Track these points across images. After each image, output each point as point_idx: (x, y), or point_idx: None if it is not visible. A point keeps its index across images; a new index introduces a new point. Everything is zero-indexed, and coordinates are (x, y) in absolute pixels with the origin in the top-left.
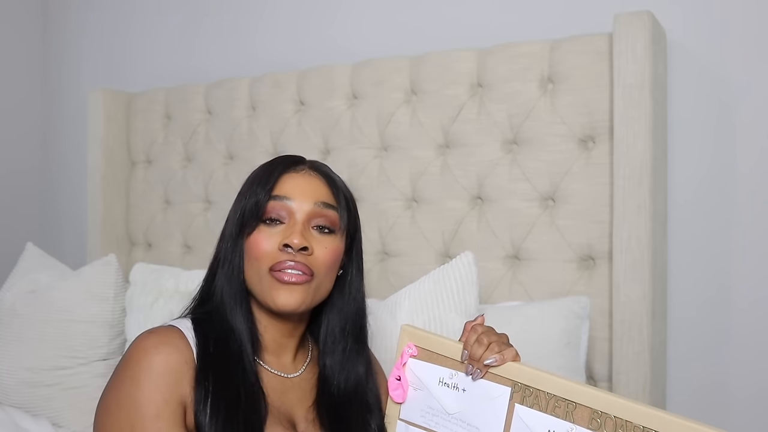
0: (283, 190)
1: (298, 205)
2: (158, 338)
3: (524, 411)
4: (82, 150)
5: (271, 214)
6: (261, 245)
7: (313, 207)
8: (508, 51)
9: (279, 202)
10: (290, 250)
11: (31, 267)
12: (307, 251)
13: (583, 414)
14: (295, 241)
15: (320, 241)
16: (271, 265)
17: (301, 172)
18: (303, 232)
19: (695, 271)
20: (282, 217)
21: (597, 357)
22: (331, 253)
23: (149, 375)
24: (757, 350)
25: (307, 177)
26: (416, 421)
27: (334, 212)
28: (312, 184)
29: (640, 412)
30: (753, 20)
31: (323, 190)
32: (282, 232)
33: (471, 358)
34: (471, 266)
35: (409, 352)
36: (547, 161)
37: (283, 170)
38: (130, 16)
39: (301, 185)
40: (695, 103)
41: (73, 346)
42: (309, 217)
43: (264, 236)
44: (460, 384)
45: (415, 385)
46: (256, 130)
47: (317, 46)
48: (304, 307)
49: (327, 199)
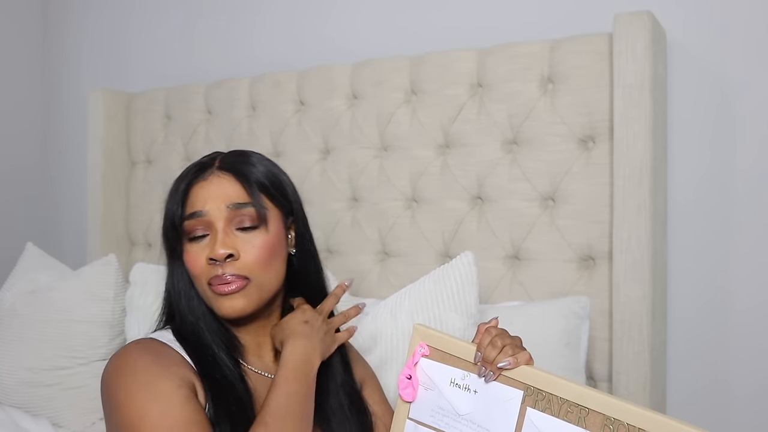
0: (195, 205)
1: (213, 213)
2: (141, 344)
3: (536, 415)
4: (82, 150)
5: (192, 233)
6: (193, 264)
7: (228, 211)
8: (508, 51)
9: (194, 219)
10: (215, 262)
11: (31, 267)
12: (234, 257)
13: (595, 420)
14: (219, 252)
15: (247, 241)
16: (208, 280)
17: (209, 178)
18: (225, 240)
19: (695, 271)
20: (204, 230)
21: (597, 357)
22: (260, 249)
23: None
24: (757, 350)
25: (215, 181)
26: (425, 420)
27: (250, 209)
28: (221, 187)
29: (653, 420)
30: (753, 20)
31: (234, 190)
32: (208, 245)
33: (484, 360)
34: (471, 266)
35: (421, 351)
36: (547, 161)
37: (190, 182)
38: (130, 16)
39: (210, 193)
40: (695, 103)
41: (73, 346)
42: (227, 221)
43: (193, 254)
44: (472, 385)
45: (425, 384)
46: (256, 130)
47: (317, 46)
48: (251, 308)
49: (239, 199)
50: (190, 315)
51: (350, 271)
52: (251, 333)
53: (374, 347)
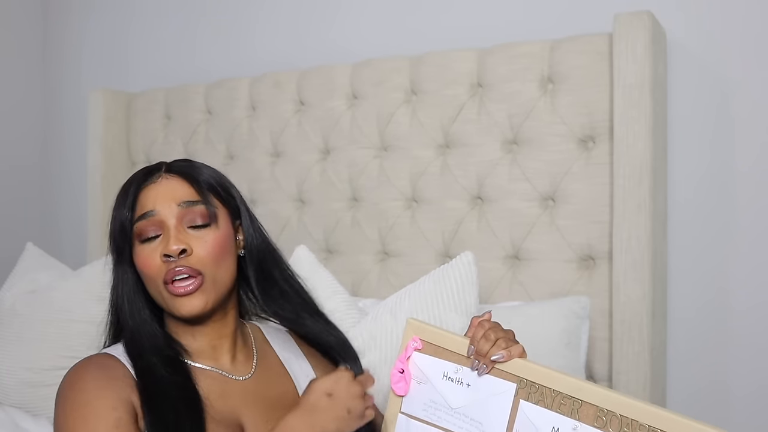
0: (146, 206)
1: (164, 212)
2: (94, 361)
3: (529, 407)
4: (82, 150)
5: (144, 234)
6: (147, 263)
7: (179, 209)
8: (508, 51)
9: (145, 220)
10: (171, 258)
11: (31, 267)
12: (187, 253)
13: (588, 412)
14: (172, 248)
15: (199, 238)
16: (163, 278)
17: (158, 180)
18: (178, 236)
19: (695, 271)
20: (156, 231)
21: (597, 357)
22: (212, 245)
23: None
24: (757, 350)
25: (164, 183)
26: (418, 414)
27: (200, 206)
28: (170, 188)
29: (646, 411)
30: (753, 20)
31: (183, 190)
32: (160, 244)
33: (477, 353)
34: (471, 266)
35: (413, 345)
36: (547, 161)
37: (139, 185)
38: (131, 17)
39: (160, 193)
40: (695, 103)
41: (73, 346)
42: (178, 219)
43: (146, 254)
44: (465, 379)
45: (418, 378)
46: (256, 130)
47: (317, 46)
48: (209, 306)
49: (189, 197)
50: (131, 320)
51: (350, 271)
52: (206, 335)
53: (374, 347)
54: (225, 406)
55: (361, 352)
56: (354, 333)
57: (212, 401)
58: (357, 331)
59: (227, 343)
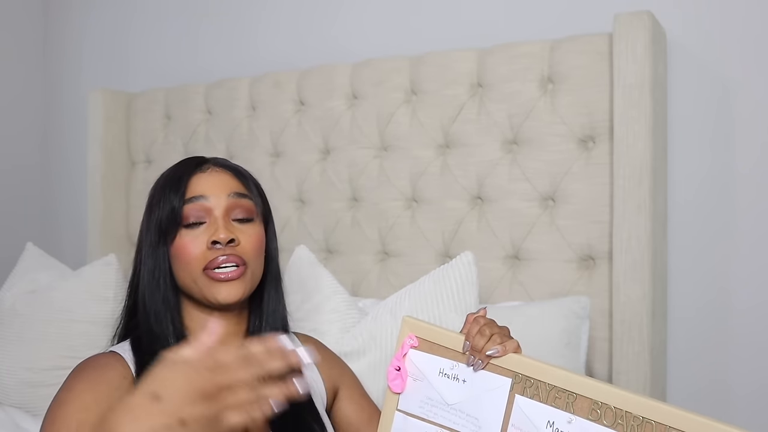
0: (196, 190)
1: (215, 201)
2: (91, 362)
3: (524, 402)
4: (82, 150)
5: (190, 218)
6: (188, 248)
7: (229, 199)
8: (508, 51)
9: (195, 203)
10: (219, 245)
11: (31, 267)
12: (235, 242)
13: (583, 405)
14: (221, 236)
15: (243, 231)
16: (204, 265)
17: (208, 171)
18: (226, 226)
19: (695, 271)
20: (201, 217)
21: (597, 357)
22: (255, 239)
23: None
24: (758, 349)
25: (214, 174)
26: (414, 411)
27: (248, 201)
28: (221, 179)
29: (639, 403)
30: (753, 20)
31: (234, 183)
32: (206, 231)
33: (473, 348)
34: (471, 266)
35: (409, 343)
36: (547, 161)
37: (190, 173)
38: (131, 16)
39: (211, 182)
40: (695, 103)
41: (73, 346)
42: (227, 210)
43: (189, 239)
44: (461, 375)
45: (414, 375)
46: (256, 130)
47: (317, 46)
48: (245, 295)
49: (240, 190)
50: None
51: (350, 271)
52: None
53: (374, 347)
54: None
55: (361, 352)
56: (354, 333)
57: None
58: (357, 331)
59: (236, 340)
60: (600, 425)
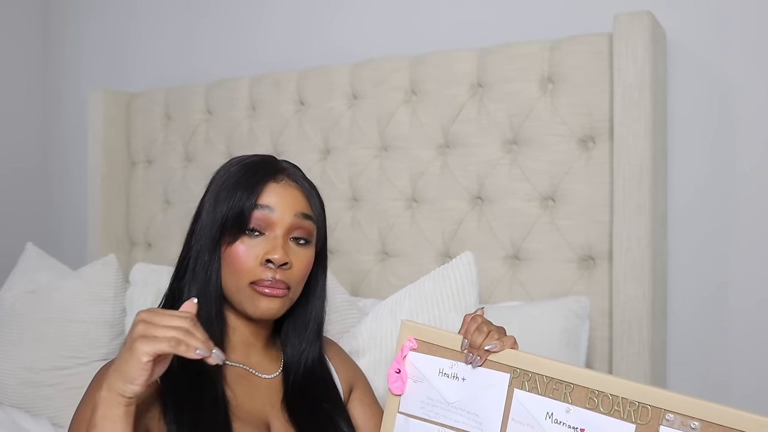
0: (267, 199)
1: (280, 216)
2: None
3: (523, 395)
4: (82, 150)
5: (253, 223)
6: (242, 258)
7: (293, 219)
8: (508, 51)
9: (262, 211)
10: (272, 265)
11: (31, 267)
12: (287, 266)
13: (580, 394)
14: (277, 257)
15: (297, 254)
16: (252, 280)
17: (282, 183)
18: (284, 246)
19: (695, 271)
20: (262, 228)
21: (597, 357)
22: (305, 265)
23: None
24: (757, 350)
25: (287, 188)
26: (416, 413)
27: (311, 223)
28: (292, 195)
29: (634, 388)
30: (752, 20)
31: (302, 201)
32: (263, 245)
33: (471, 345)
34: (471, 266)
35: (409, 345)
36: (547, 161)
37: (266, 180)
38: (131, 17)
39: (283, 196)
40: (695, 103)
41: (73, 346)
42: (289, 229)
43: (245, 248)
44: (460, 373)
45: (414, 377)
46: (256, 130)
47: (317, 46)
48: (280, 313)
49: (305, 210)
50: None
51: (350, 271)
52: (246, 332)
53: (374, 347)
54: (252, 405)
55: (361, 352)
56: (354, 333)
57: (239, 400)
58: (357, 331)
59: (261, 341)
60: (597, 413)
